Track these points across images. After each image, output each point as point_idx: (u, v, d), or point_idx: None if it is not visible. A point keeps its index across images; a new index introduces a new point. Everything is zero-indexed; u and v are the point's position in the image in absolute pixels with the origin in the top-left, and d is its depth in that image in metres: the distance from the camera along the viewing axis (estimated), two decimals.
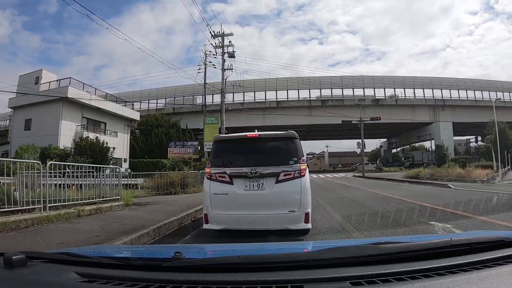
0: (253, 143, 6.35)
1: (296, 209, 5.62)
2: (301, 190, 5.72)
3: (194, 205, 10.27)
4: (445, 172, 22.21)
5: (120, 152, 35.88)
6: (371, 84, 54.20)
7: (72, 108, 30.95)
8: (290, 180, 5.77)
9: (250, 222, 5.63)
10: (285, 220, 5.61)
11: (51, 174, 8.95)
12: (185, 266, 1.59)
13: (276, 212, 5.68)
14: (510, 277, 1.40)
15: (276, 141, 6.31)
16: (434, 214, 7.88)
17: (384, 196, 13.18)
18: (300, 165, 5.86)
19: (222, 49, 28.59)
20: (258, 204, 5.74)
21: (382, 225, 6.97)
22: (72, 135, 30.82)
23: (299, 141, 6.24)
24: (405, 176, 26.80)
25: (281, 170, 5.76)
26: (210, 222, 5.88)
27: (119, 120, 37.14)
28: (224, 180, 5.87)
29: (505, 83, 58.17)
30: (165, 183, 15.51)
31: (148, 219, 7.75)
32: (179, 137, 41.80)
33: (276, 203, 5.69)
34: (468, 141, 69.83)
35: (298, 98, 53.22)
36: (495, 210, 8.60)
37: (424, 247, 1.68)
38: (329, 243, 3.63)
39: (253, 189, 5.79)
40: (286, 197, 5.74)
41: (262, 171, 5.74)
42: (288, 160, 5.87)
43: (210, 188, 5.93)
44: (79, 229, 6.71)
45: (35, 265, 1.64)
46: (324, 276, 1.42)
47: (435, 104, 53.58)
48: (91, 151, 26.41)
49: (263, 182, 5.78)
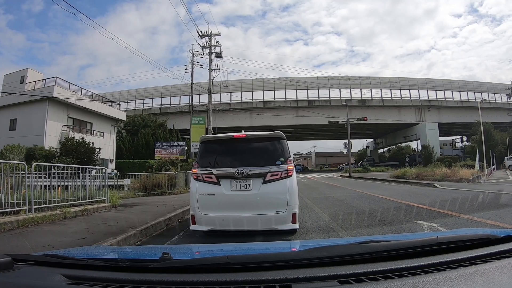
0: (240, 144, 6.25)
1: (283, 210, 5.60)
2: (288, 190, 5.69)
3: (181, 206, 10.23)
4: (431, 172, 22.42)
5: (106, 153, 35.45)
6: (358, 84, 54.47)
7: (57, 108, 30.43)
8: (277, 180, 5.73)
9: (237, 222, 5.60)
10: (272, 221, 5.58)
11: (37, 175, 8.86)
12: (173, 267, 1.58)
13: (263, 212, 5.64)
14: (495, 274, 1.41)
15: (263, 141, 6.26)
16: (420, 213, 7.99)
17: (370, 195, 13.28)
18: (287, 166, 5.82)
19: (210, 49, 28.49)
20: (245, 205, 5.70)
21: (369, 224, 7.04)
22: (58, 135, 30.27)
23: (286, 142, 6.20)
24: (391, 176, 27.02)
25: (268, 170, 5.73)
26: (198, 223, 5.80)
27: (106, 120, 36.67)
28: (211, 180, 5.80)
29: (490, 84, 58.99)
30: (152, 184, 15.42)
31: (135, 220, 7.67)
32: (166, 138, 41.51)
33: (263, 203, 5.69)
34: (454, 141, 70.64)
35: (285, 99, 53.16)
36: (481, 208, 8.74)
37: (411, 245, 1.70)
38: (316, 242, 3.62)
39: (240, 190, 5.73)
40: (273, 197, 5.72)
41: (249, 171, 5.69)
42: (275, 161, 5.84)
43: (197, 189, 5.85)
44: (65, 231, 6.62)
45: (21, 267, 1.62)
46: (312, 275, 1.42)
47: (421, 104, 54.05)
48: (77, 151, 26.00)
49: (250, 182, 5.73)
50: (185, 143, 38.13)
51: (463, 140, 63.63)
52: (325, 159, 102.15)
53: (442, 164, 28.30)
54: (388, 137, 70.08)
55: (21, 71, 33.12)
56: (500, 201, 10.04)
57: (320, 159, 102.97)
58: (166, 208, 10.10)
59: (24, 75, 32.33)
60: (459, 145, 67.46)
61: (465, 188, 14.46)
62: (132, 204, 11.62)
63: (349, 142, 40.73)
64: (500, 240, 1.80)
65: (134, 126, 44.41)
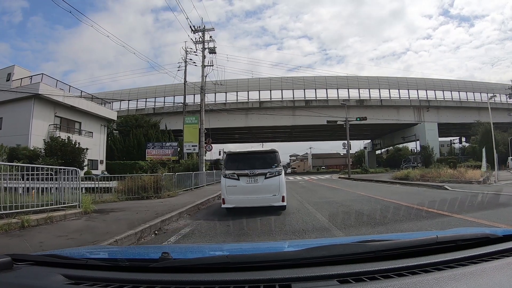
0: (250, 155, 9.96)
1: (277, 194, 9.15)
2: (279, 183, 9.30)
3: (165, 213, 8.96)
4: (436, 173, 21.19)
5: (96, 154, 34.13)
6: (356, 84, 53.15)
7: (44, 106, 28.95)
8: (273, 177, 9.30)
9: (249, 201, 9.20)
10: (270, 200, 9.13)
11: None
12: (173, 266, 1.58)
13: (264, 195, 9.13)
14: (495, 273, 1.40)
15: (264, 154, 10.01)
16: (449, 223, 6.62)
17: (379, 200, 11.88)
18: (278, 169, 9.42)
19: (203, 45, 26.89)
20: (254, 191, 9.21)
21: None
22: (44, 135, 28.76)
23: (278, 153, 9.88)
24: (393, 177, 25.65)
25: (267, 171, 9.31)
26: (226, 203, 9.34)
27: (95, 119, 35.15)
28: (234, 177, 9.37)
29: (489, 84, 57.93)
30: (137, 187, 13.97)
31: (103, 231, 6.38)
32: (158, 138, 40.03)
33: (264, 190, 9.18)
34: (452, 142, 69.51)
35: (281, 98, 51.71)
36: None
37: (410, 244, 1.70)
38: (316, 241, 3.56)
39: (251, 183, 9.28)
40: (270, 187, 9.21)
41: (257, 172, 9.27)
42: (271, 165, 9.43)
43: (225, 182, 9.46)
44: (11, 246, 5.33)
45: (21, 267, 1.61)
46: (312, 275, 1.42)
47: (420, 104, 52.93)
48: (62, 152, 24.49)
49: (257, 178, 9.29)
50: (177, 143, 36.71)
51: (461, 141, 62.89)
52: (322, 160, 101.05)
53: (445, 165, 27.10)
54: (386, 138, 68.70)
55: (8, 68, 31.53)
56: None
57: (317, 160, 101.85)
58: (147, 215, 8.76)
59: (10, 72, 30.78)
60: (457, 146, 66.40)
61: (481, 190, 12.96)
62: (110, 209, 10.24)
63: (348, 142, 39.45)
64: (500, 239, 1.78)
65: (126, 126, 42.75)
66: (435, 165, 30.12)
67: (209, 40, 27.20)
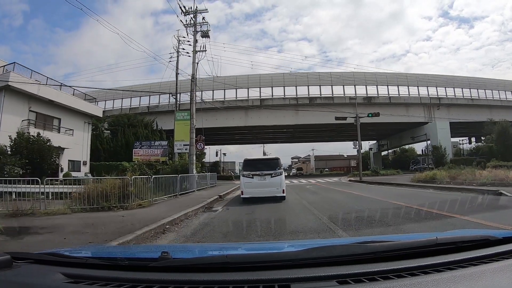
0: (261, 161, 14.93)
1: (279, 188, 13.39)
2: (281, 180, 13.59)
3: (113, 237, 5.49)
4: (471, 175, 17.80)
5: (79, 154, 30.59)
6: (363, 81, 49.57)
7: (16, 99, 25.24)
8: (276, 176, 13.61)
9: (260, 192, 13.32)
10: (274, 192, 13.30)
11: None
12: (172, 266, 1.56)
13: (270, 189, 13.35)
14: (494, 275, 1.38)
15: (270, 160, 14.81)
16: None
17: (432, 213, 8.30)
18: (280, 170, 13.94)
19: (194, 27, 23.36)
20: (263, 186, 13.42)
21: None
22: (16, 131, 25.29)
23: (280, 160, 14.65)
24: (414, 179, 22.19)
25: (272, 172, 13.64)
26: (244, 194, 13.56)
27: (78, 116, 31.25)
28: (249, 176, 13.70)
29: (500, 81, 54.98)
30: (96, 194, 10.36)
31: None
32: (149, 138, 36.39)
33: (270, 185, 13.40)
34: (460, 142, 66.11)
35: (284, 96, 48.30)
36: None
37: (410, 245, 1.67)
38: (315, 242, 3.38)
39: (261, 180, 13.53)
40: (274, 183, 13.45)
41: (265, 172, 13.60)
42: (275, 168, 13.82)
43: (243, 180, 13.81)
44: None
45: (20, 266, 1.58)
46: (311, 275, 1.40)
47: (430, 102, 49.83)
48: (27, 149, 20.89)
49: (265, 177, 13.54)
50: (167, 142, 33.05)
51: (471, 141, 59.95)
52: (325, 162, 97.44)
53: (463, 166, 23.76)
54: (393, 138, 65.17)
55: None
56: None
57: (320, 162, 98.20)
58: (80, 241, 5.32)
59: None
60: (466, 146, 62.97)
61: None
62: (37, 228, 6.74)
63: (359, 141, 35.86)
64: (499, 241, 1.76)
65: (118, 125, 39.26)
66: (448, 166, 28.75)
67: (202, 22, 23.80)
